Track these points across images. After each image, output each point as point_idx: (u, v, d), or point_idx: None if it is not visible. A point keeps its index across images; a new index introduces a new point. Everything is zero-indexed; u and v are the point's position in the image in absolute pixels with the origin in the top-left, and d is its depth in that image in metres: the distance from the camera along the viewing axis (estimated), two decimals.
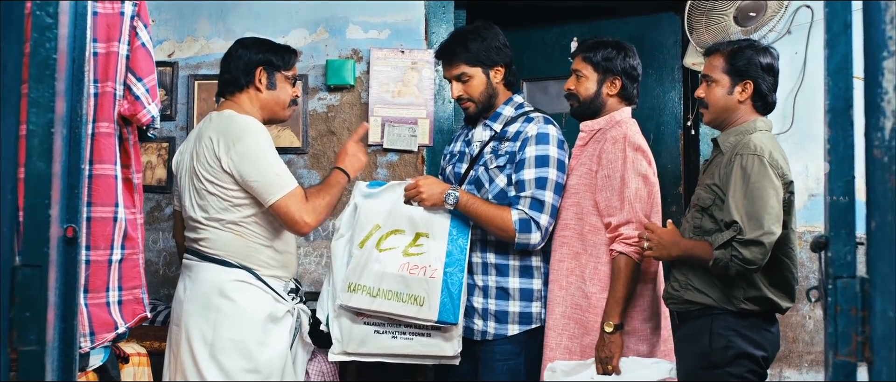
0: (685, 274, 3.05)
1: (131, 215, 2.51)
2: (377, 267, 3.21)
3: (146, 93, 2.50)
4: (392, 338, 3.29)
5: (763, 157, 2.88)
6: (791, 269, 3.00)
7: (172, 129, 4.49)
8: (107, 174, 2.46)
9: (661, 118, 4.68)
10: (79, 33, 1.93)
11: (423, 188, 3.28)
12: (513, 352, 3.36)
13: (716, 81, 3.10)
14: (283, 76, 3.26)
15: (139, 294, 2.54)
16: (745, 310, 2.94)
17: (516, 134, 3.37)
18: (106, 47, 2.48)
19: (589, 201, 3.27)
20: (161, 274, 4.43)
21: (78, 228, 1.92)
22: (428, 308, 3.19)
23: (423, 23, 4.50)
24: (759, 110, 3.11)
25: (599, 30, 4.79)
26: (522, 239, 3.26)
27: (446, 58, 3.45)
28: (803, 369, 4.32)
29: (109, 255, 2.45)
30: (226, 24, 4.52)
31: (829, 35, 1.51)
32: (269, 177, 3.03)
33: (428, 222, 3.28)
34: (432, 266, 3.22)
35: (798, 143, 4.35)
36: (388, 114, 4.44)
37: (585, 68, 3.39)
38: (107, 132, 2.47)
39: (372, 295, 3.19)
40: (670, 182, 4.58)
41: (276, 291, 3.16)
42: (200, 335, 3.04)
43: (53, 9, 1.54)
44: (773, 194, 2.85)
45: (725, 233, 2.85)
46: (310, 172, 4.45)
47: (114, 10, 2.48)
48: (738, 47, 3.11)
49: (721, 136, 3.13)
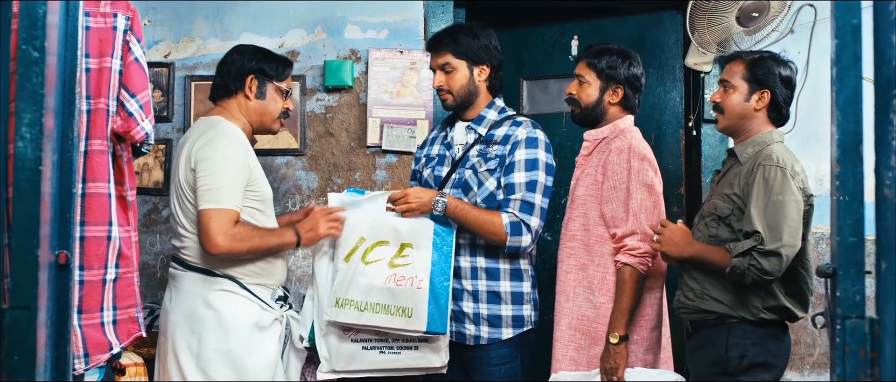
0: (700, 283, 3.05)
1: (126, 233, 2.47)
2: (364, 280, 3.18)
3: (140, 109, 2.45)
4: (380, 354, 3.27)
5: (786, 169, 2.90)
6: (806, 280, 3.01)
7: (169, 131, 4.44)
8: (100, 192, 2.42)
9: (663, 118, 4.63)
10: (69, 55, 1.90)
11: (411, 198, 3.25)
12: (509, 355, 3.35)
13: (734, 87, 3.11)
14: (275, 87, 3.21)
15: (134, 313, 2.50)
16: (762, 319, 2.95)
17: (505, 137, 3.36)
18: (98, 62, 2.44)
19: (595, 212, 3.26)
20: (158, 278, 4.40)
21: (70, 254, 1.90)
22: (416, 319, 3.17)
23: (421, 23, 4.45)
24: (773, 121, 3.12)
25: (600, 28, 4.74)
26: (513, 242, 3.25)
27: (434, 47, 3.45)
28: (805, 371, 4.29)
29: (104, 275, 2.42)
30: (222, 24, 4.46)
31: (839, 68, 1.46)
32: (213, 185, 2.95)
33: (411, 232, 3.25)
34: (418, 276, 3.19)
35: (801, 143, 4.30)
36: (386, 114, 4.39)
37: (589, 74, 3.36)
38: (100, 150, 2.43)
39: (360, 310, 3.16)
40: (671, 182, 4.53)
41: (262, 299, 3.12)
42: (186, 345, 3.01)
43: (40, 42, 1.49)
44: (795, 207, 2.87)
45: (745, 242, 2.86)
46: (308, 174, 4.40)
47: (106, 25, 2.43)
48: (760, 57, 3.12)
49: (738, 146, 3.13)
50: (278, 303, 3.21)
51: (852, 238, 1.43)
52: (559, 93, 4.55)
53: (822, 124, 4.31)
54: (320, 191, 4.39)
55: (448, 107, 3.49)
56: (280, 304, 3.22)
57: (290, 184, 4.41)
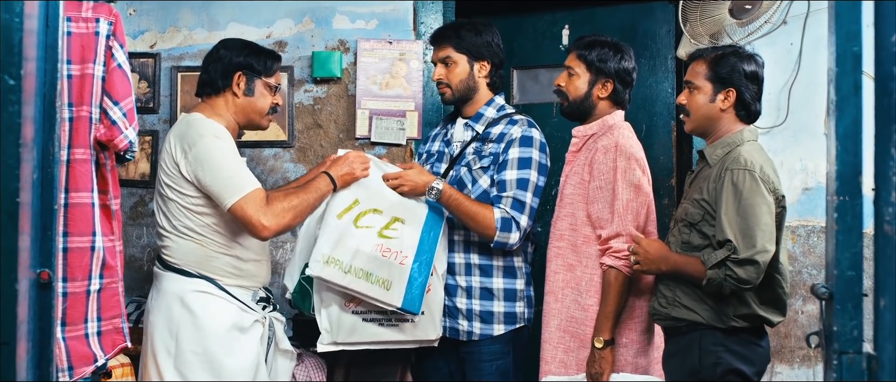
0: (672, 290, 2.98)
1: (110, 242, 2.42)
2: (352, 242, 3.15)
3: (123, 117, 2.39)
4: (379, 326, 3.28)
5: (754, 172, 2.80)
6: (782, 285, 2.91)
7: (155, 123, 4.39)
8: (83, 202, 2.37)
9: (654, 109, 4.60)
10: (50, 67, 1.85)
11: (407, 178, 3.26)
12: (501, 352, 3.36)
13: (698, 88, 3.01)
14: (264, 83, 3.16)
15: (119, 323, 2.46)
16: (734, 327, 2.88)
17: (500, 135, 3.36)
18: (80, 69, 2.37)
19: (582, 212, 3.22)
20: (145, 271, 4.35)
21: (52, 271, 1.86)
22: (394, 293, 3.15)
23: (411, 13, 4.39)
24: (743, 119, 3.00)
25: (591, 17, 4.70)
26: (501, 238, 3.24)
27: (437, 40, 3.47)
28: (795, 364, 4.29)
29: (87, 286, 2.37)
30: (209, 14, 4.40)
31: (839, 97, 1.43)
32: (224, 180, 2.92)
33: (405, 207, 3.25)
34: (403, 252, 3.18)
35: (792, 136, 4.28)
36: (375, 106, 4.34)
37: (578, 66, 3.30)
38: (83, 158, 2.37)
39: (344, 271, 3.13)
40: (662, 174, 4.51)
41: (241, 300, 3.08)
42: (164, 347, 2.98)
43: (17, 70, 1.45)
44: (766, 210, 2.78)
45: (719, 253, 2.78)
46: (296, 166, 4.36)
47: (88, 30, 2.37)
48: (722, 54, 3.01)
49: (707, 148, 3.03)
50: (260, 304, 3.17)
51: (850, 271, 1.40)
52: (550, 83, 4.48)
53: (815, 116, 4.29)
54: None
55: (446, 100, 3.49)
56: (262, 305, 3.18)
57: (278, 176, 4.37)
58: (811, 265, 4.27)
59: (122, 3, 4.38)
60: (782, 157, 4.27)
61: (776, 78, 4.21)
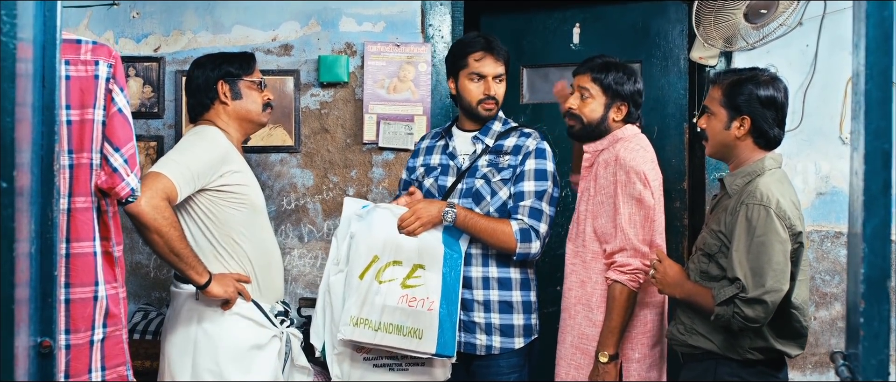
0: (690, 318, 2.95)
1: (113, 290, 2.37)
2: (378, 299, 3.15)
3: (124, 164, 2.33)
4: (389, 371, 3.30)
5: (770, 208, 2.72)
6: (800, 319, 2.84)
7: (160, 128, 4.33)
8: (85, 252, 2.31)
9: (666, 111, 4.51)
10: (47, 131, 1.79)
11: (420, 211, 3.21)
12: (519, 364, 3.36)
13: (714, 114, 2.95)
14: (247, 82, 3.24)
15: (123, 371, 2.42)
16: (750, 360, 2.84)
17: (516, 147, 3.36)
18: (80, 114, 2.30)
19: (591, 227, 3.21)
20: (152, 277, 4.32)
21: (53, 341, 1.81)
22: (427, 341, 3.16)
23: (419, 15, 4.31)
24: (763, 147, 2.92)
25: (602, 15, 4.60)
26: (523, 249, 3.24)
27: (499, 53, 3.41)
28: (807, 370, 4.25)
29: (91, 337, 2.32)
30: (213, 16, 4.32)
31: (867, 197, 1.36)
32: (170, 156, 2.98)
33: (423, 252, 3.21)
34: (429, 298, 3.17)
35: (807, 140, 4.21)
36: (383, 110, 4.28)
37: (593, 88, 3.24)
38: (84, 207, 2.31)
39: (374, 330, 3.14)
40: (674, 177, 4.44)
41: (258, 316, 3.10)
42: (181, 366, 3.02)
43: (9, 172, 1.39)
44: (780, 248, 2.70)
45: (728, 289, 2.73)
46: (303, 172, 4.30)
47: (87, 73, 2.29)
48: (738, 80, 2.91)
49: (727, 177, 2.96)
50: (279, 318, 3.17)
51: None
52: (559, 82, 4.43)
53: (830, 119, 4.21)
54: (315, 189, 4.30)
55: (491, 117, 3.49)
56: (280, 319, 3.18)
57: (284, 181, 4.32)
58: (825, 271, 4.21)
59: (126, 6, 4.30)
60: (796, 161, 4.20)
61: (791, 80, 4.11)
